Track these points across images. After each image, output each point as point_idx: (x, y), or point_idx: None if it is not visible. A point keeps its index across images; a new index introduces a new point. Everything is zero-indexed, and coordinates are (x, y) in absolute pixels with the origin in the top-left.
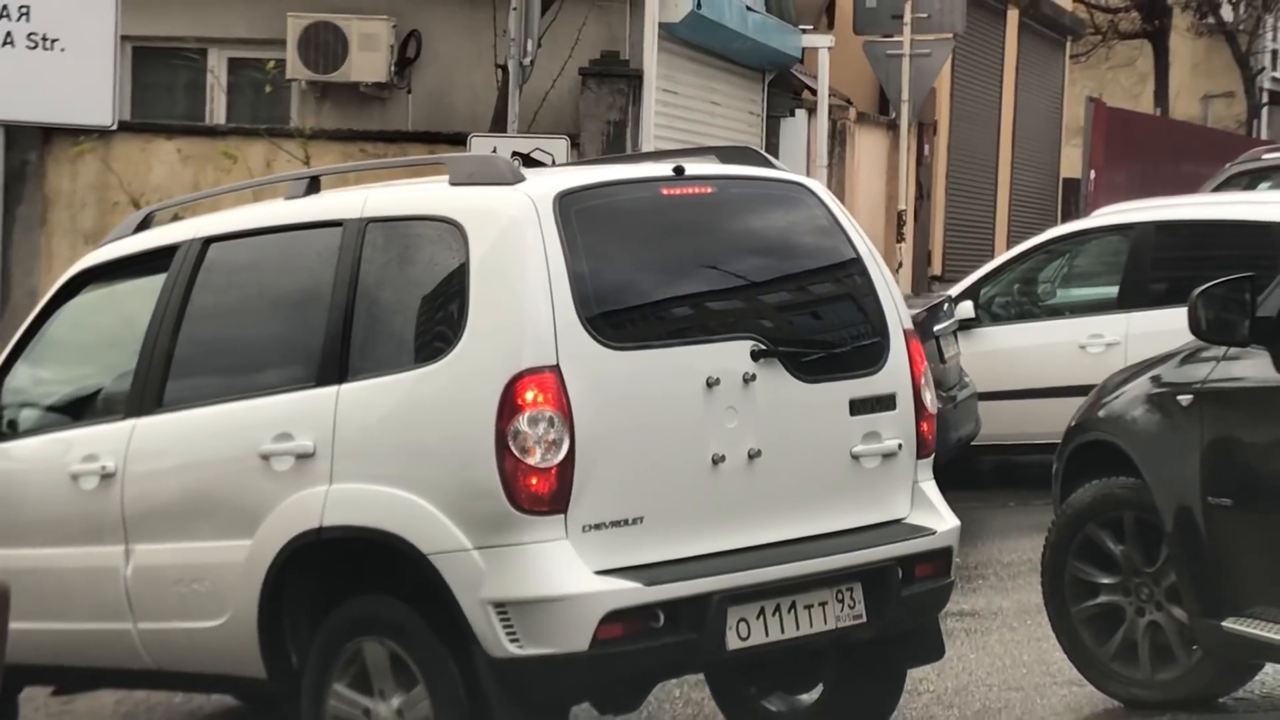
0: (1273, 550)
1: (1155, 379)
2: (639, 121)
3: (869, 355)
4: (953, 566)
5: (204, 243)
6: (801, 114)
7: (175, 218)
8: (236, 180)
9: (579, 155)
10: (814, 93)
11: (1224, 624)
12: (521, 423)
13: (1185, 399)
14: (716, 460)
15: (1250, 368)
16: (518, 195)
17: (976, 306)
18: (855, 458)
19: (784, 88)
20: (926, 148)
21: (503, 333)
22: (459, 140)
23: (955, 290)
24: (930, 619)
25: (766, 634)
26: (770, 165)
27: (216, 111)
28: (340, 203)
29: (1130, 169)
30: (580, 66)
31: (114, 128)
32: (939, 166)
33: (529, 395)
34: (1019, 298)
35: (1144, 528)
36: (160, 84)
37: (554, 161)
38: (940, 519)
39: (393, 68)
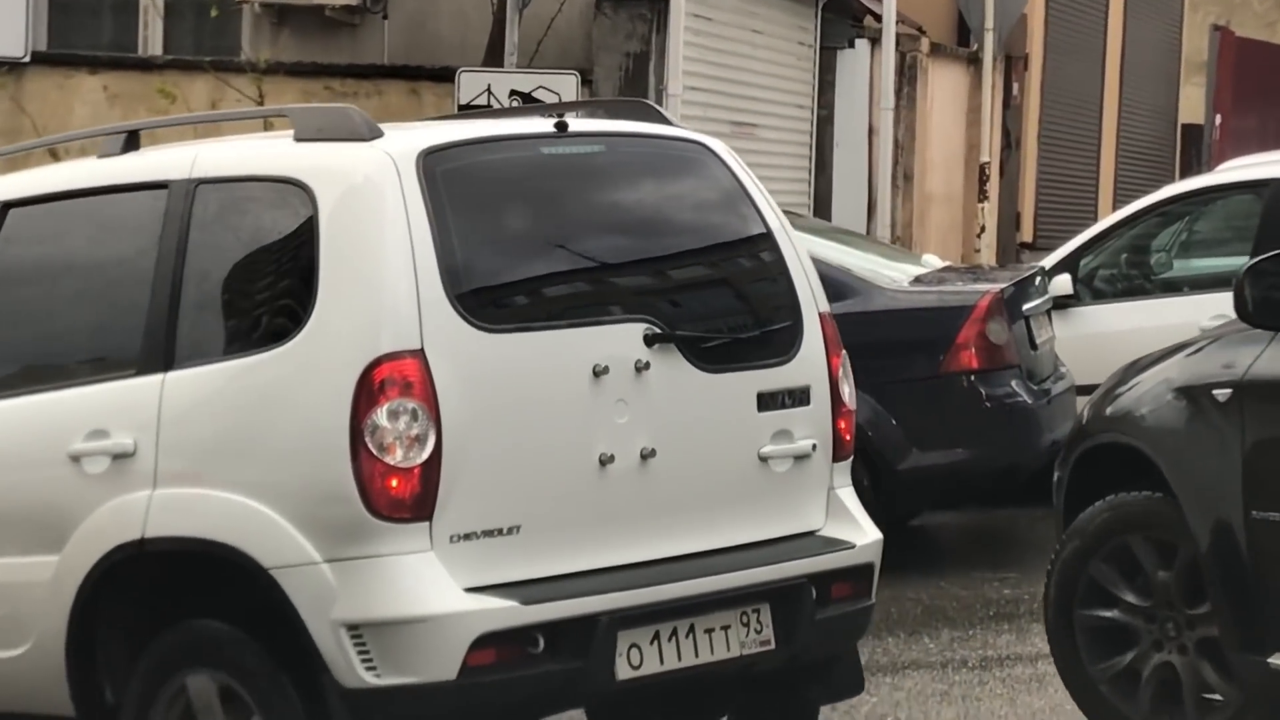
0: None
1: (1184, 369)
2: (664, 54)
3: (779, 342)
4: (874, 586)
5: (1, 208)
6: (863, 45)
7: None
8: None
9: (591, 94)
10: (878, 19)
11: (1271, 660)
12: (379, 416)
13: (1223, 393)
14: (604, 461)
15: None
16: (374, 153)
17: (1075, 281)
18: (763, 460)
19: (842, 13)
20: (1015, 87)
21: (357, 312)
22: (445, 76)
23: (1049, 261)
24: (848, 646)
25: (661, 662)
26: (666, 121)
27: (151, 40)
28: (165, 161)
29: (1264, 113)
30: None
31: (26, 59)
32: (1030, 110)
33: (388, 384)
34: (1127, 270)
35: (1171, 550)
36: (83, 6)
37: (560, 101)
38: (860, 531)
39: None
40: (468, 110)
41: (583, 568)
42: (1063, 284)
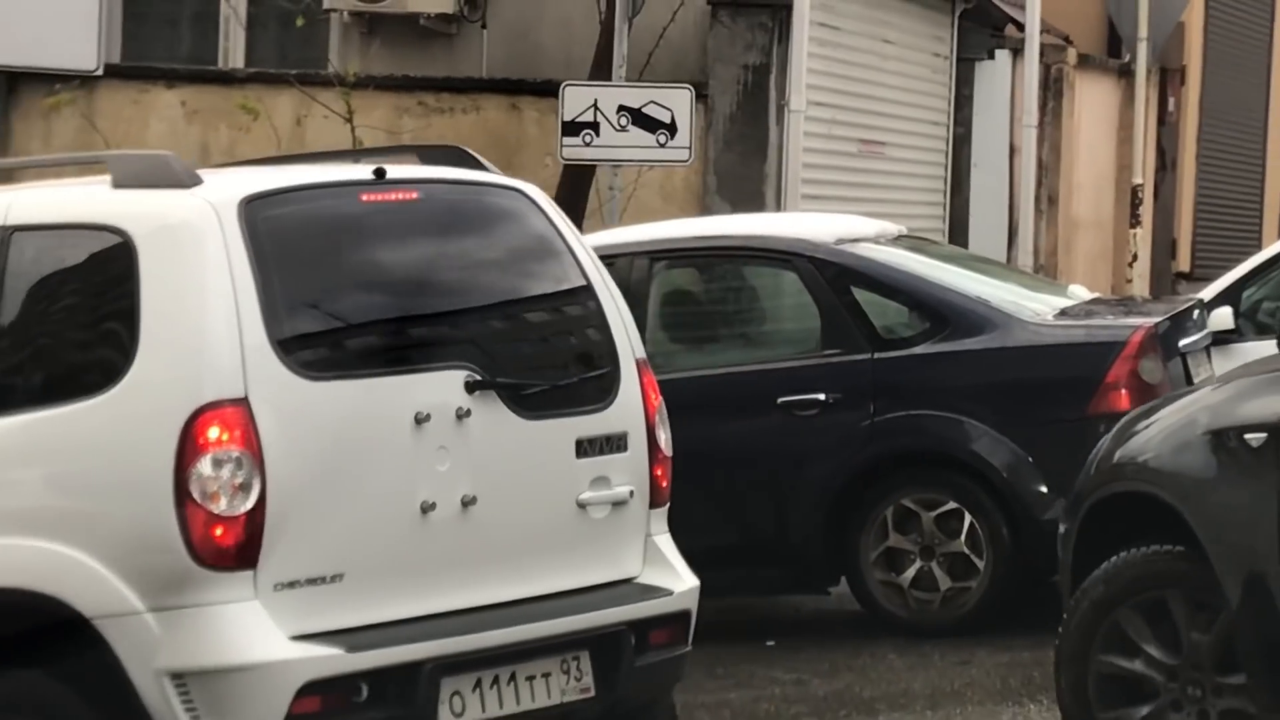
0: None
1: (1211, 413)
2: (786, 66)
3: (597, 389)
4: (691, 633)
5: None
6: (1004, 56)
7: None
8: (257, 141)
9: (707, 109)
10: (1020, 28)
11: None
12: (204, 465)
13: (1256, 438)
14: (426, 508)
15: None
16: (195, 201)
17: (1237, 314)
18: (582, 506)
19: (981, 22)
20: (1171, 102)
21: (180, 361)
22: (548, 90)
23: (1208, 293)
24: (665, 693)
25: (483, 709)
26: (482, 167)
27: (233, 52)
28: None
29: None
30: None
31: (99, 73)
32: (1188, 127)
33: (213, 433)
34: None
35: (1198, 609)
36: (159, 16)
37: (673, 119)
38: (677, 578)
39: None
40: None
41: (406, 615)
42: (1223, 318)
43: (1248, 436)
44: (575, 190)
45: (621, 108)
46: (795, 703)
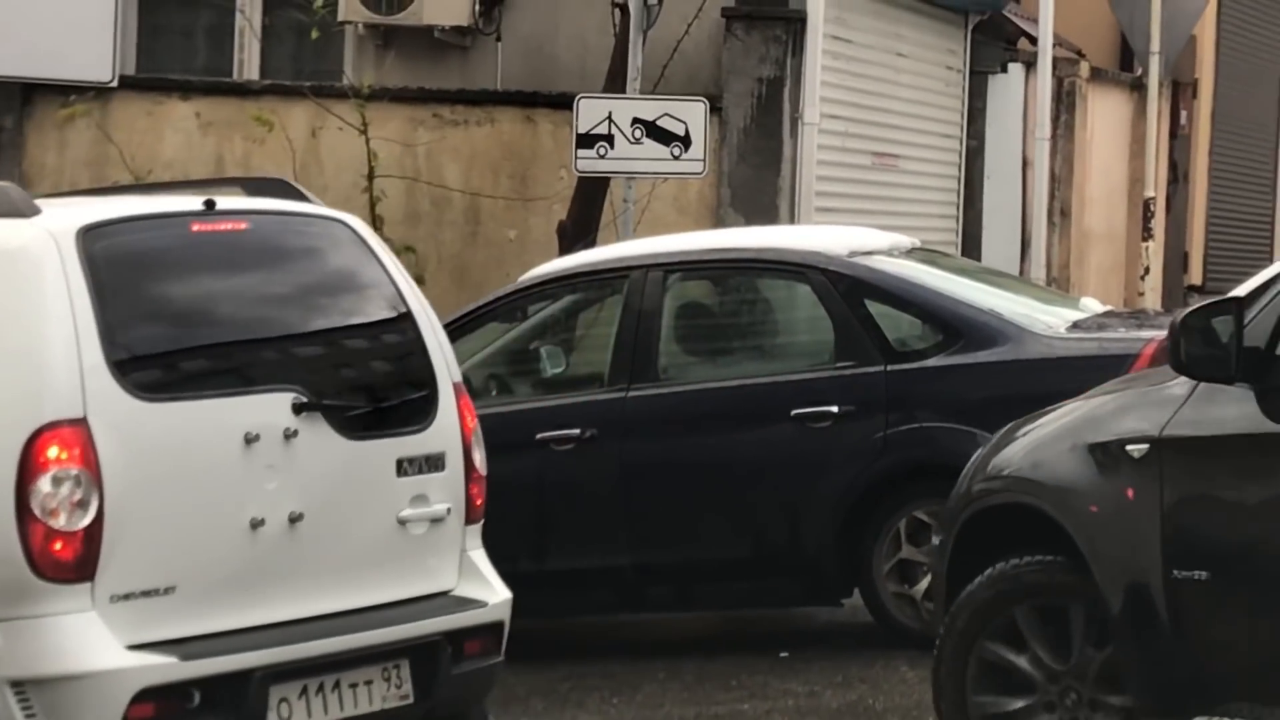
0: (1264, 632)
1: (1092, 426)
2: (800, 79)
3: (416, 411)
4: (504, 643)
5: None
6: (1016, 69)
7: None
8: (270, 152)
9: (721, 121)
10: (1033, 41)
11: None
12: (44, 482)
13: (1138, 449)
14: (255, 524)
15: (1229, 409)
16: (34, 229)
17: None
18: (402, 523)
19: (994, 35)
20: (1183, 115)
21: (20, 382)
22: (562, 103)
23: None
24: (478, 702)
25: (309, 715)
26: (303, 198)
27: (248, 64)
28: None
29: None
30: (724, 7)
31: (114, 84)
32: (1200, 140)
33: (52, 452)
34: None
35: (1073, 615)
36: (174, 28)
37: (687, 131)
38: (491, 591)
39: (477, 7)
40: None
41: (237, 625)
42: None
43: (1130, 448)
44: (589, 202)
45: (636, 120)
46: (808, 714)
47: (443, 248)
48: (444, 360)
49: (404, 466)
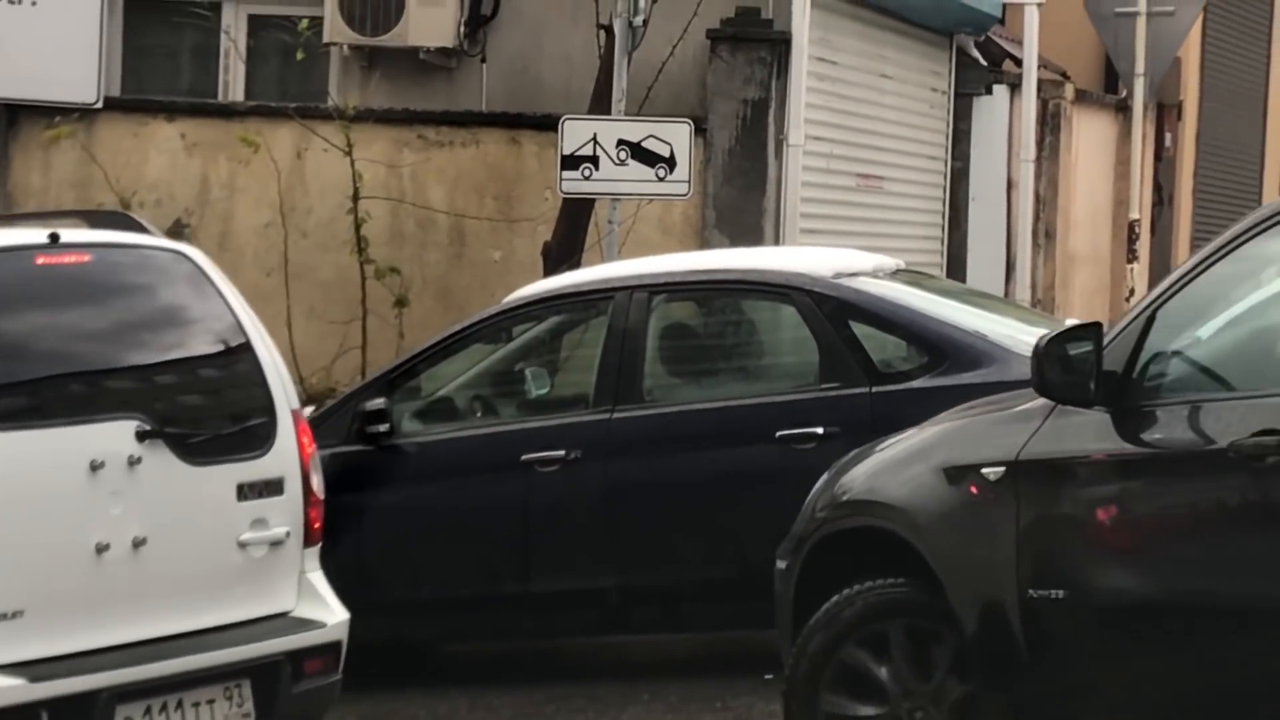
0: (1123, 648)
1: (945, 450)
2: (784, 101)
3: (256, 438)
4: (341, 662)
5: None
6: (1001, 91)
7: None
8: (255, 173)
9: (706, 143)
10: (1018, 64)
11: None
12: None
13: (993, 472)
14: (100, 549)
15: (1086, 432)
16: None
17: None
18: (243, 546)
19: (979, 56)
20: (1168, 137)
21: None
22: (547, 124)
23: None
24: (319, 718)
25: None
26: (144, 230)
27: (233, 86)
28: None
29: None
30: (709, 28)
31: (99, 106)
32: (1184, 162)
33: None
34: None
35: (923, 637)
36: (160, 49)
37: (672, 153)
38: (329, 611)
39: (462, 29)
40: None
41: (83, 648)
42: None
43: (985, 471)
44: (574, 223)
45: (621, 141)
46: None
47: (427, 269)
48: (282, 388)
49: (244, 491)
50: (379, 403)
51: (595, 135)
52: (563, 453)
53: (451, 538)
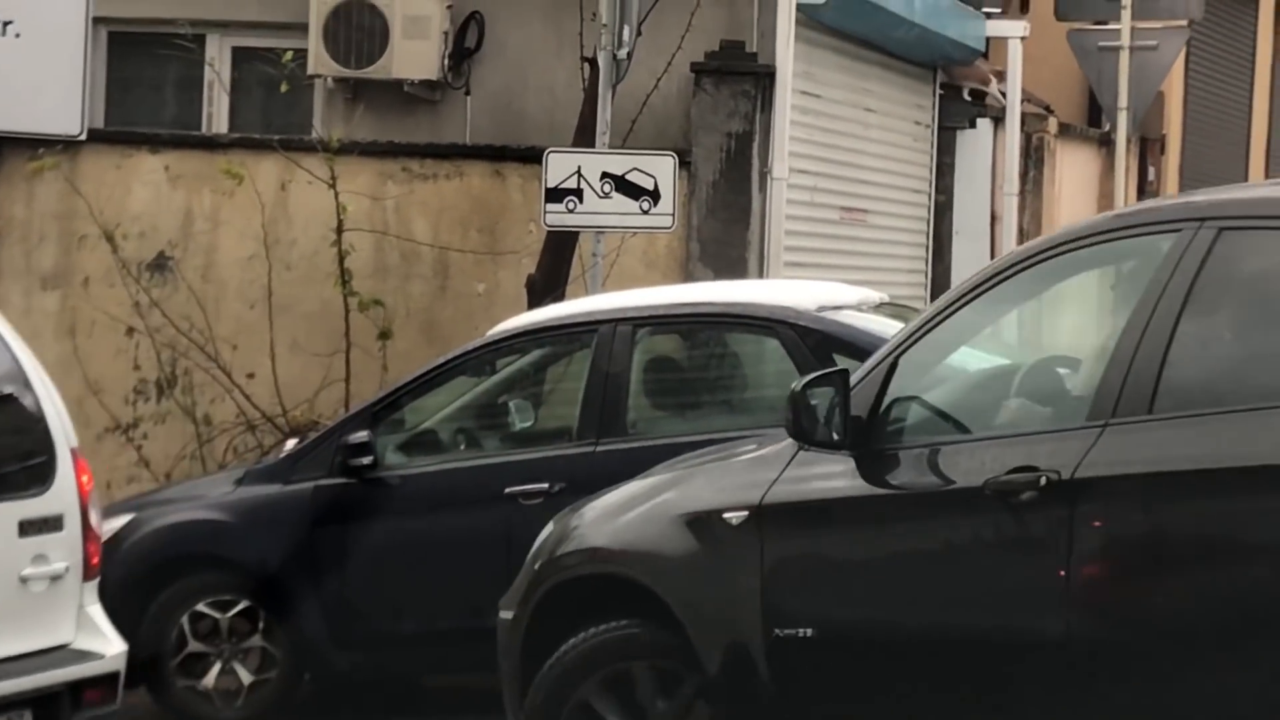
0: (872, 684)
1: (683, 496)
2: (769, 134)
3: (37, 476)
4: (119, 692)
5: None
6: (985, 125)
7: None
8: (239, 206)
9: (690, 176)
10: (1002, 97)
11: None
12: None
13: (735, 516)
14: None
15: (831, 475)
16: None
17: None
18: (24, 581)
19: (962, 90)
20: (1151, 171)
21: None
22: (531, 157)
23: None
24: None
25: None
26: None
27: (217, 118)
28: None
29: None
30: (693, 61)
31: (83, 138)
32: (1168, 195)
33: None
34: None
35: (663, 679)
36: (143, 81)
37: (656, 186)
38: (108, 643)
39: (447, 61)
40: None
41: None
42: None
43: (727, 516)
44: (558, 256)
45: (605, 174)
46: None
47: (411, 301)
48: (61, 428)
49: (25, 528)
50: (363, 435)
51: (579, 168)
52: (546, 485)
53: (435, 571)
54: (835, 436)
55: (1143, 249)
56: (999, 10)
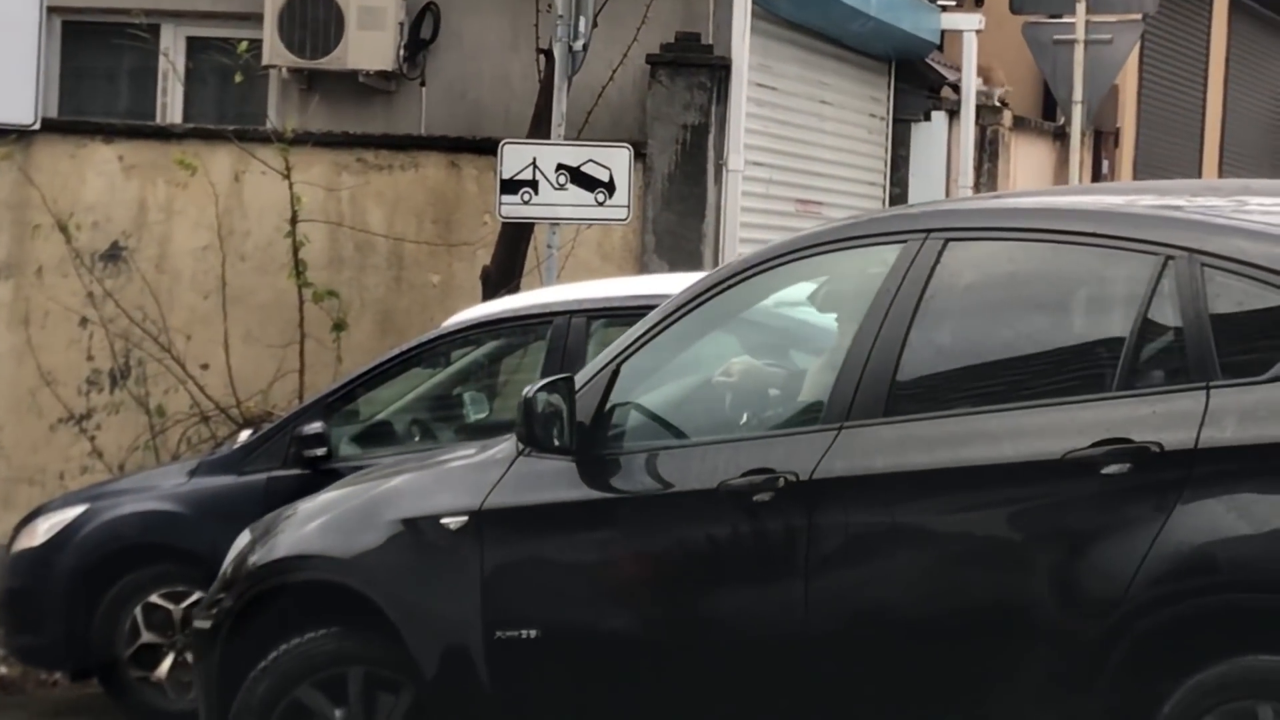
0: (598, 684)
1: (396, 501)
2: (724, 126)
3: None
4: None
5: None
6: (940, 117)
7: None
8: (193, 196)
9: (646, 168)
10: (957, 90)
11: None
12: None
13: (454, 522)
14: None
15: (554, 480)
16: None
17: None
18: None
19: (917, 83)
20: (1105, 164)
21: None
22: (487, 148)
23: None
24: None
25: None
26: None
27: (171, 108)
28: None
29: None
30: (649, 53)
31: (36, 127)
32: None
33: None
34: None
35: (379, 685)
36: (98, 70)
37: (611, 177)
38: None
39: (402, 52)
40: None
41: None
42: None
43: (445, 521)
44: (513, 248)
45: (560, 166)
46: None
47: (366, 293)
48: None
49: None
50: (317, 426)
51: (535, 159)
52: None
53: None
54: (558, 442)
55: (870, 259)
56: (954, 3)
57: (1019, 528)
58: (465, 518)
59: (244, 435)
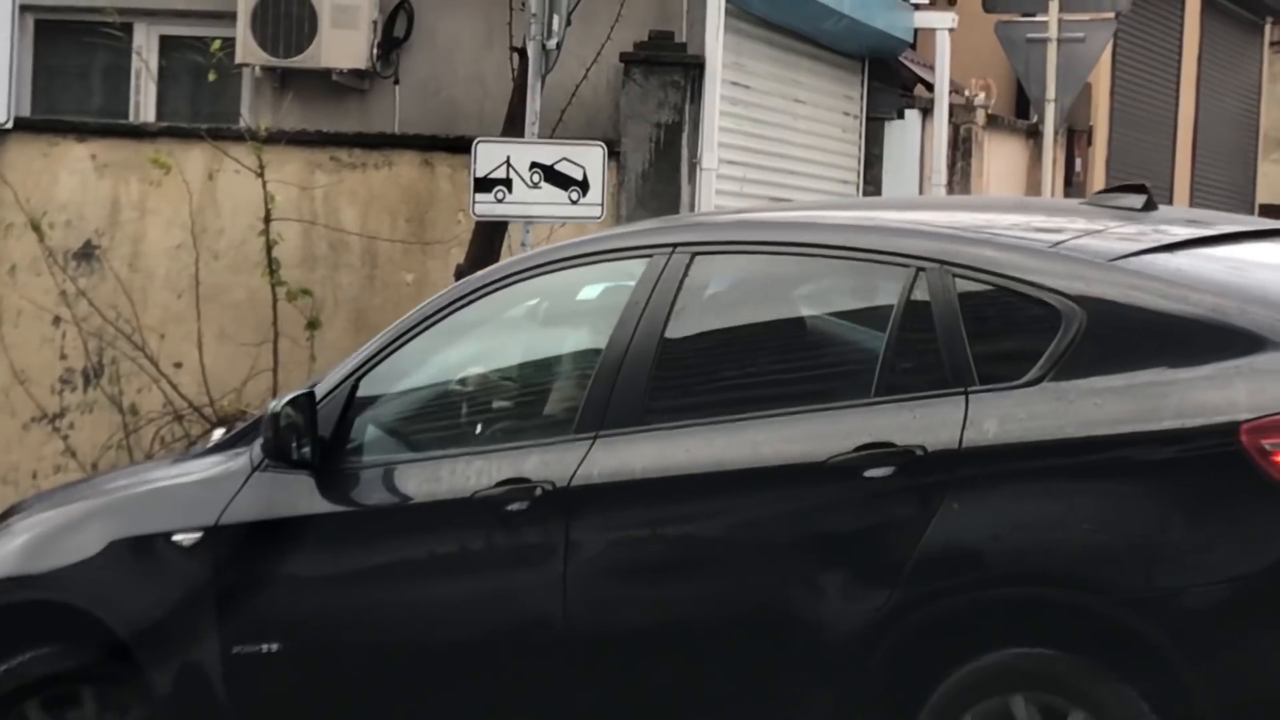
0: (342, 695)
1: (124, 518)
2: (698, 125)
3: None
4: None
5: None
6: (913, 116)
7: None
8: (166, 195)
9: (620, 166)
10: (930, 88)
11: None
12: None
13: (188, 538)
14: None
15: (291, 493)
16: None
17: None
18: None
19: (890, 82)
20: (1078, 162)
21: None
22: (460, 146)
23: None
24: None
25: None
26: None
27: (144, 106)
28: None
29: None
30: (622, 52)
31: (9, 125)
32: (1095, 187)
33: None
34: None
35: (110, 703)
36: (70, 69)
37: (585, 176)
38: None
39: (376, 50)
40: None
41: None
42: None
43: (177, 538)
44: (487, 247)
45: (534, 164)
46: None
47: (340, 291)
48: None
49: None
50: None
51: (508, 158)
52: None
53: None
54: (296, 456)
55: (617, 273)
56: (928, 2)
57: (782, 531)
58: (199, 534)
59: (217, 434)
